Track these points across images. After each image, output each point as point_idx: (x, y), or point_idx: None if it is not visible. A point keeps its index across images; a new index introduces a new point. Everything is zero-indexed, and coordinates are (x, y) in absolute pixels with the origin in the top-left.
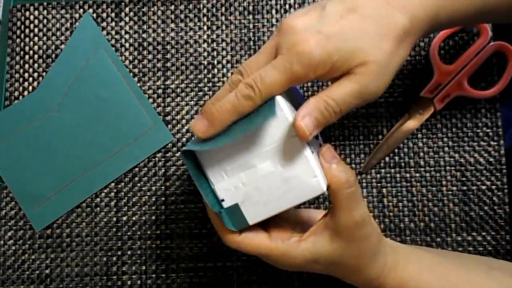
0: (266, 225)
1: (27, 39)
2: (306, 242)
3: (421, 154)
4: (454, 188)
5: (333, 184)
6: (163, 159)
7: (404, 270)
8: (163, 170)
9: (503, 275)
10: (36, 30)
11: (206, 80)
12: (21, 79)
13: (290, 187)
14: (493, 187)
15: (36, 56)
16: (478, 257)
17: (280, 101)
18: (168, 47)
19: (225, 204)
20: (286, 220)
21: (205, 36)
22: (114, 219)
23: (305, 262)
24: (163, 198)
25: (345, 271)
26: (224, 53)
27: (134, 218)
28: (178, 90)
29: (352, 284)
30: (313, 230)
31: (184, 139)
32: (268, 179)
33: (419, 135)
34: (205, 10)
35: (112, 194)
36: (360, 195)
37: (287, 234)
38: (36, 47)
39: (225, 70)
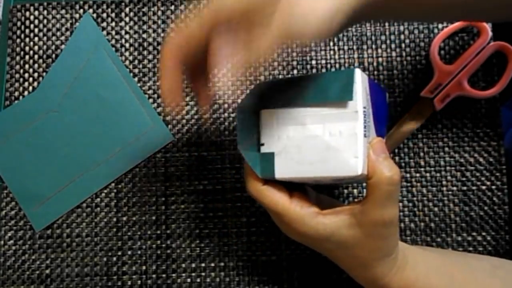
0: (291, 191)
1: (27, 39)
2: (324, 217)
3: (421, 154)
4: (454, 188)
5: (375, 177)
6: (163, 159)
7: (411, 272)
8: (163, 170)
9: (507, 274)
10: (36, 30)
11: None
12: (21, 79)
13: (328, 157)
14: (493, 187)
15: (36, 56)
16: (482, 256)
17: (357, 81)
18: None
19: (263, 149)
20: (311, 195)
21: None
22: (114, 219)
23: (317, 235)
24: (163, 198)
25: (352, 262)
26: None
27: (134, 218)
28: None
29: (354, 278)
30: (337, 210)
31: (184, 139)
32: (311, 142)
33: (419, 135)
34: None
35: (112, 194)
36: (397, 196)
37: (308, 204)
38: (36, 47)
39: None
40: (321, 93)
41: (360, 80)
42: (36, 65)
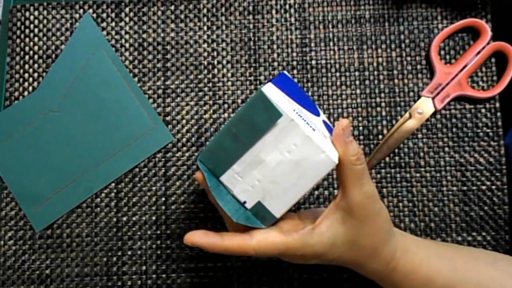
0: (276, 224)
1: (27, 39)
2: (320, 227)
3: (421, 154)
4: (454, 188)
5: (346, 158)
6: (163, 159)
7: (415, 255)
8: (163, 170)
9: (508, 266)
10: (36, 30)
11: (206, 80)
12: (21, 79)
13: (303, 170)
14: (493, 187)
15: (36, 56)
16: (483, 250)
17: (272, 97)
18: (168, 47)
19: (248, 205)
20: (294, 218)
21: (205, 36)
22: (114, 219)
23: (323, 248)
24: (163, 198)
25: (362, 254)
26: (224, 53)
27: (134, 218)
28: (178, 90)
29: (364, 274)
30: (325, 214)
31: (184, 139)
32: (280, 169)
33: (419, 135)
34: (205, 10)
35: (112, 194)
36: (368, 172)
37: (299, 225)
38: (36, 47)
39: (225, 70)
40: (255, 130)
41: (273, 94)
42: (36, 65)
